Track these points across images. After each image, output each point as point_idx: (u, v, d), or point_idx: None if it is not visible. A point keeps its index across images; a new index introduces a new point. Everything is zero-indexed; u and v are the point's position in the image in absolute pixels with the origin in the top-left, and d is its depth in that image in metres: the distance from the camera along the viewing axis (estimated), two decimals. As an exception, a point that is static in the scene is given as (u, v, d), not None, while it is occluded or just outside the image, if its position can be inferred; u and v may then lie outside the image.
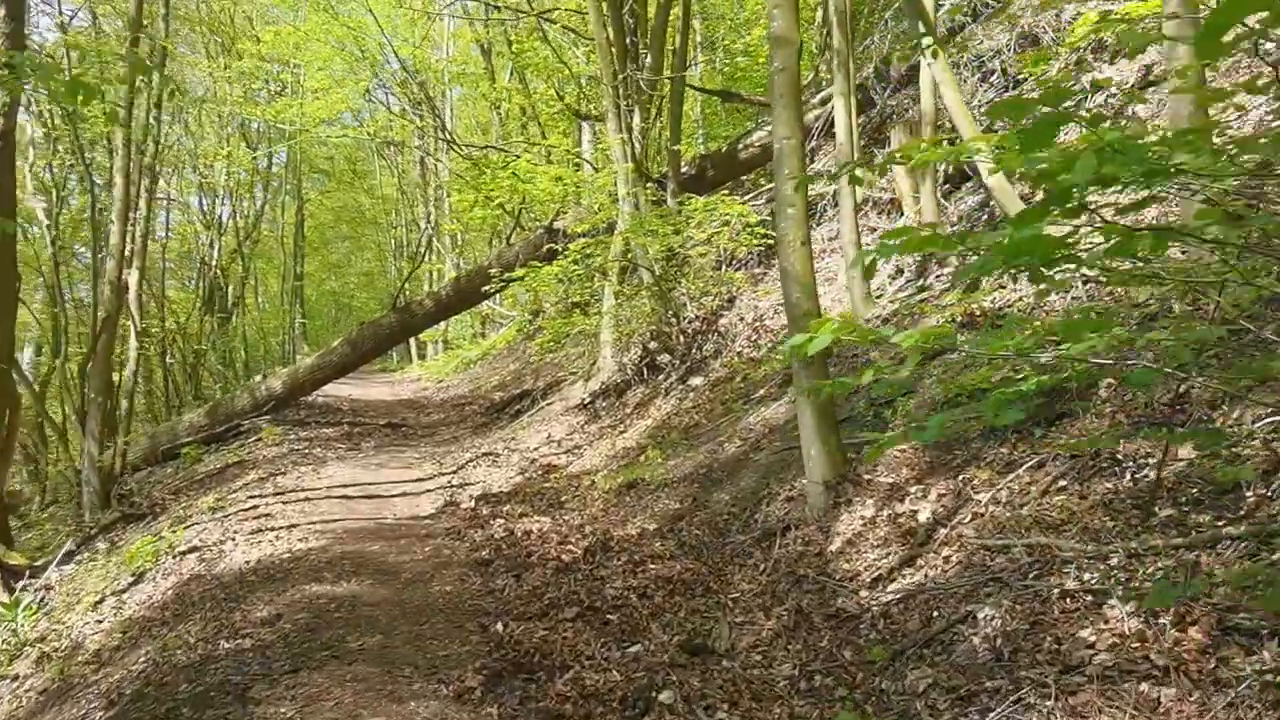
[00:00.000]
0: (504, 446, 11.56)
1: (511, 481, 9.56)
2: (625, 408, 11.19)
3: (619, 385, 12.08)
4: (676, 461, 7.90)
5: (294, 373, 15.20)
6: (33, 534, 11.55)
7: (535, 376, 16.21)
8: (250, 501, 9.30)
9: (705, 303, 11.49)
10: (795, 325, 5.69)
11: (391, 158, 30.06)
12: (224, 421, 15.30)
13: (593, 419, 11.56)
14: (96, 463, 10.94)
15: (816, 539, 5.27)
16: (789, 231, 5.73)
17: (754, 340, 10.31)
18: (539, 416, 12.90)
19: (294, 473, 10.91)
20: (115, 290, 11.09)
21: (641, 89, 12.03)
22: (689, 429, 8.80)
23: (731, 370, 9.84)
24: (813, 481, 5.61)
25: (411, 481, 10.35)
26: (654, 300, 11.52)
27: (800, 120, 5.88)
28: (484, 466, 10.66)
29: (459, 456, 11.61)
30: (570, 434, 11.34)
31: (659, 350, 11.88)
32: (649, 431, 9.52)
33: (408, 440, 13.84)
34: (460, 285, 14.35)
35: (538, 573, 6.04)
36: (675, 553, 5.91)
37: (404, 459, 12.00)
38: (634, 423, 10.37)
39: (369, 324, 14.93)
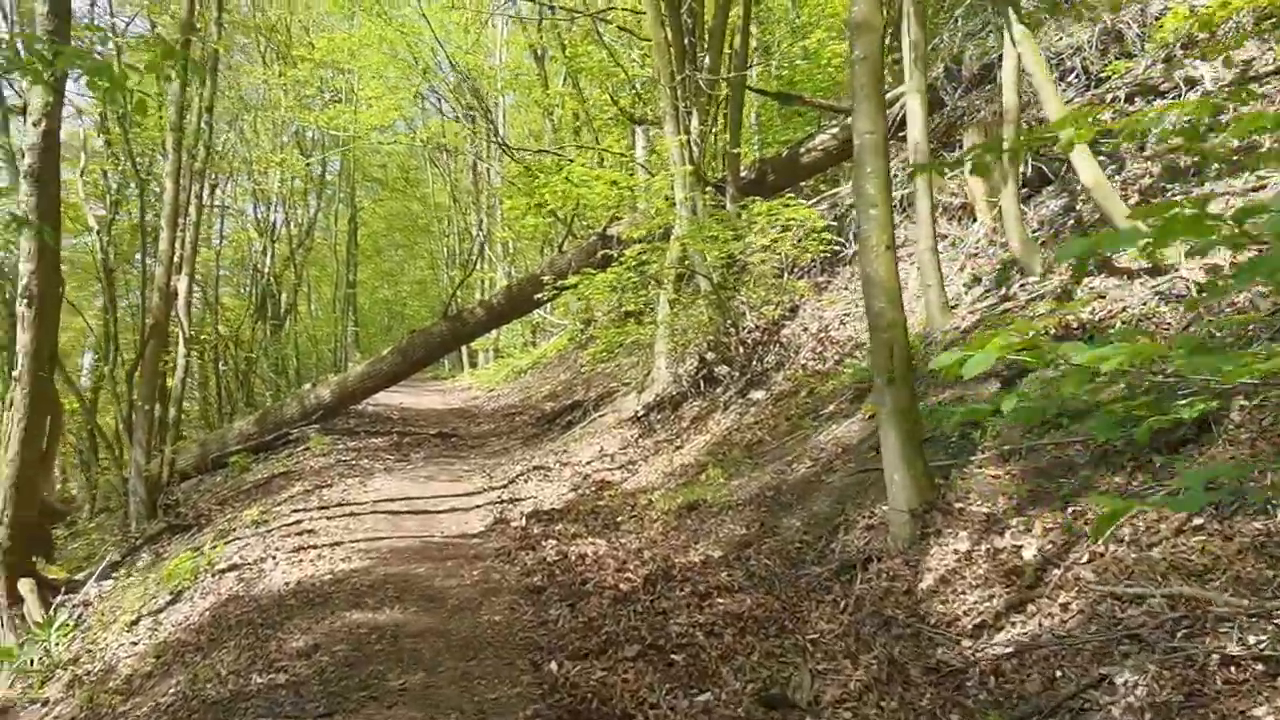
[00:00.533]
0: (555, 460, 11.13)
1: (563, 498, 9.11)
2: (681, 421, 10.70)
3: (674, 398, 11.59)
4: (740, 482, 7.39)
5: (343, 381, 14.93)
6: (80, 543, 11.36)
7: (587, 387, 15.78)
8: (294, 516, 8.96)
9: (766, 312, 10.98)
10: (879, 336, 5.17)
11: (444, 165, 29.92)
12: (273, 430, 15.09)
13: (647, 433, 11.09)
14: (143, 472, 10.69)
15: (904, 574, 4.74)
16: (872, 234, 5.21)
17: (819, 352, 9.76)
18: (591, 429, 12.45)
19: (340, 485, 10.58)
20: (164, 297, 10.85)
21: (700, 91, 11.56)
22: (752, 446, 8.28)
23: (796, 384, 9.31)
24: (896, 509, 5.07)
25: (460, 496, 9.95)
26: (712, 309, 11.02)
27: (883, 113, 5.36)
28: (535, 481, 10.23)
29: (509, 469, 11.20)
30: (624, 448, 10.87)
31: (717, 361, 11.38)
32: (708, 448, 9.01)
33: (457, 451, 13.47)
34: (512, 293, 13.98)
35: (594, 603, 5.56)
36: (744, 584, 5.40)
37: (453, 471, 11.62)
38: (691, 438, 9.87)
39: (420, 332, 14.62)
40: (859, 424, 7.12)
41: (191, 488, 14.61)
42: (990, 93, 11.17)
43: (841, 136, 11.97)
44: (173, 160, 10.89)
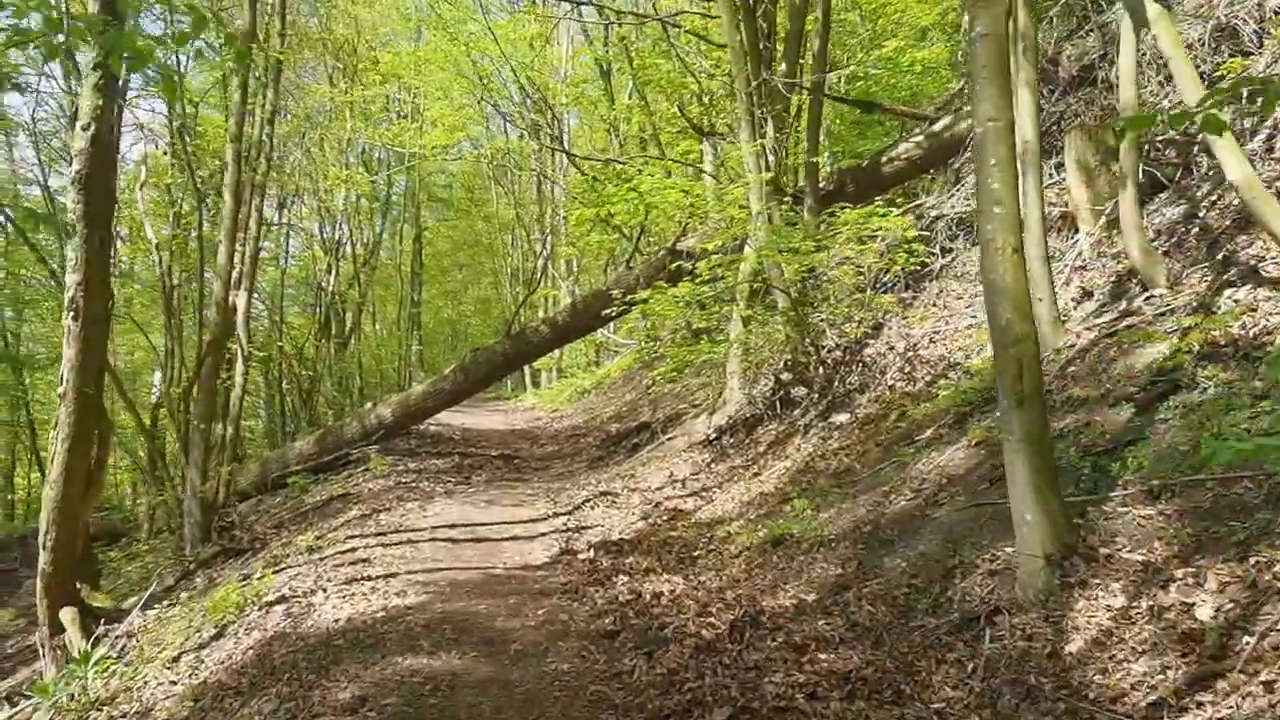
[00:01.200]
0: (623, 485, 10.50)
1: (633, 527, 8.47)
2: (757, 446, 10.01)
3: (748, 420, 10.91)
4: (830, 514, 6.68)
5: (405, 400, 14.52)
6: (135, 565, 11.01)
7: (653, 408, 15.16)
8: (349, 542, 8.45)
9: (848, 330, 10.25)
10: (1005, 353, 4.45)
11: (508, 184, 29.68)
12: (333, 450, 14.72)
13: (720, 457, 10.41)
14: (198, 493, 10.31)
15: (1043, 633, 4.00)
16: (996, 235, 4.51)
17: (907, 373, 9.01)
18: (659, 452, 11.81)
19: (398, 509, 10.07)
20: (222, 313, 10.50)
21: (776, 97, 10.92)
22: (840, 475, 7.57)
23: (884, 407, 8.57)
24: (1028, 553, 4.34)
25: (523, 523, 9.37)
26: (789, 326, 10.33)
27: (1009, 97, 4.67)
28: (601, 507, 9.61)
29: (574, 494, 10.60)
30: (695, 473, 10.21)
31: (793, 382, 10.69)
32: (790, 475, 8.31)
33: (520, 474, 12.92)
34: (577, 310, 13.43)
35: (674, 652, 4.91)
36: (846, 636, 4.70)
37: (516, 495, 11.05)
38: (770, 464, 9.18)
39: (482, 350, 14.14)
40: (964, 451, 6.38)
41: (251, 508, 14.29)
42: (1091, 94, 10.37)
43: (926, 145, 11.24)
44: (232, 173, 10.56)
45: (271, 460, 15.31)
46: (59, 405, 7.06)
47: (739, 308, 11.59)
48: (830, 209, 10.43)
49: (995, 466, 5.80)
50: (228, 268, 10.49)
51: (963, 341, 8.96)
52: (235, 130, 10.58)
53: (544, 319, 14.22)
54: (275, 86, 12.26)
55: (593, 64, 21.69)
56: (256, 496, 14.83)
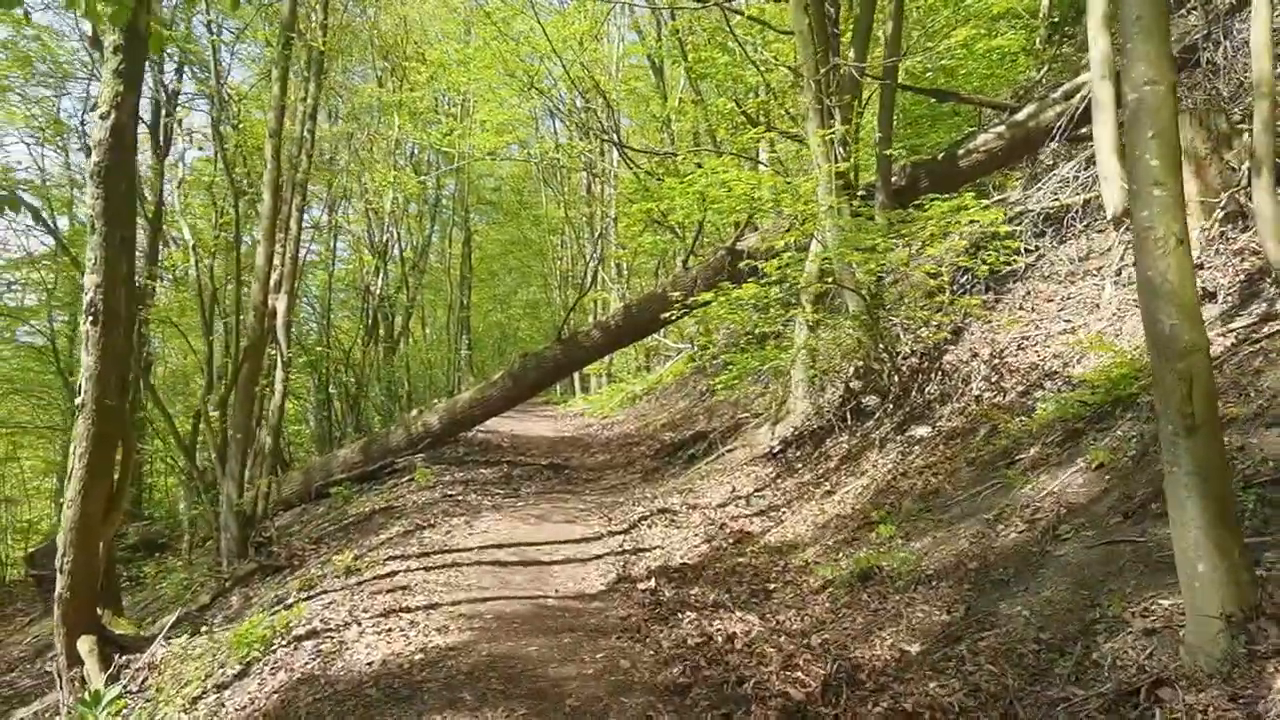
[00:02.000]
0: (681, 500, 9.74)
1: (695, 550, 7.70)
2: (827, 460, 9.19)
3: (816, 432, 10.09)
4: (924, 545, 5.85)
5: (451, 407, 13.89)
6: (171, 580, 10.47)
7: (709, 416, 14.38)
8: (388, 564, 7.78)
9: (926, 335, 9.40)
10: (1170, 366, 3.61)
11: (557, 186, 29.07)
12: (378, 459, 14.15)
13: (786, 472, 9.61)
14: (235, 506, 9.73)
15: (1232, 717, 3.16)
16: (1155, 223, 3.67)
17: (995, 382, 8.14)
18: (719, 465, 11.03)
19: (443, 525, 9.41)
20: (259, 316, 9.92)
21: (846, 85, 10.07)
22: (927, 497, 6.73)
23: (970, 420, 7.71)
24: (1202, 613, 3.50)
25: (576, 542, 8.65)
26: (861, 331, 9.50)
27: (1170, 56, 3.82)
28: (660, 526, 8.85)
29: (629, 510, 9.85)
30: (760, 489, 9.41)
31: (865, 391, 9.86)
32: (869, 495, 7.49)
33: (571, 485, 12.21)
34: (631, 313, 12.69)
35: (757, 716, 4.14)
36: (968, 704, 3.89)
37: (567, 509, 10.34)
38: (844, 481, 8.36)
39: (532, 355, 13.46)
40: (1082, 476, 5.52)
41: (295, 517, 13.78)
42: (1194, 78, 9.42)
43: (1009, 136, 10.33)
44: (271, 170, 9.98)
45: (315, 469, 14.78)
46: (77, 417, 6.46)
47: (804, 311, 10.78)
48: (903, 206, 9.60)
49: (1127, 496, 4.95)
50: (266, 269, 9.90)
51: (1057, 348, 8.07)
52: (274, 125, 10.00)
53: (596, 323, 13.51)
54: (317, 80, 11.69)
55: (643, 61, 20.98)
56: (300, 505, 14.31)
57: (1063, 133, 9.83)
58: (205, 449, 12.23)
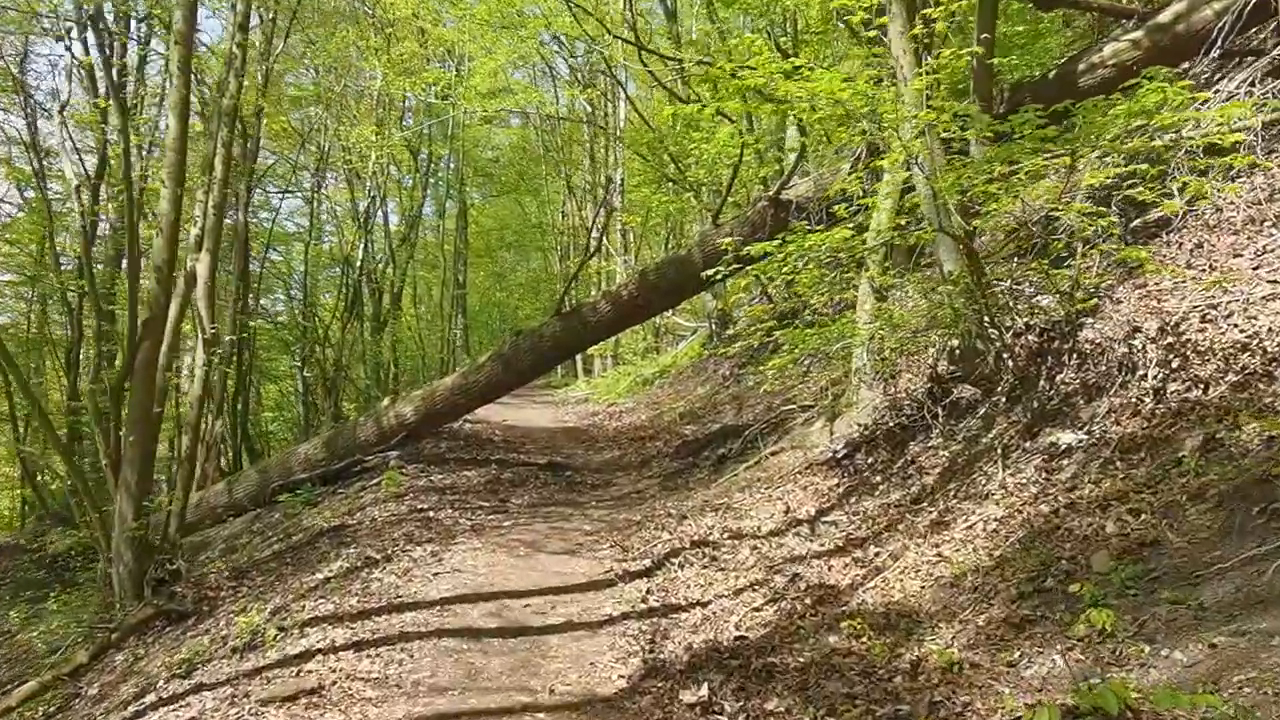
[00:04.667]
0: (718, 523, 7.16)
1: (758, 616, 5.13)
2: (921, 474, 6.60)
3: (891, 432, 7.50)
4: (1192, 655, 3.27)
5: (429, 396, 11.28)
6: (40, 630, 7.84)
7: (738, 407, 11.77)
8: (307, 635, 5.21)
9: (1048, 306, 6.82)
10: None
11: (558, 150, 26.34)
12: (344, 456, 11.59)
13: (860, 486, 7.03)
14: (129, 530, 7.15)
15: None
16: None
17: (1181, 369, 5.53)
18: (761, 471, 8.44)
19: (402, 559, 6.84)
20: (163, 280, 7.31)
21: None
22: (1136, 550, 4.14)
23: (1158, 424, 5.12)
24: None
25: (580, 589, 6.08)
26: (958, 298, 6.89)
27: None
28: (696, 565, 6.27)
29: (650, 536, 7.26)
30: (826, 510, 6.84)
31: (959, 379, 7.28)
32: (1015, 536, 4.89)
33: (573, 495, 9.64)
34: (648, 282, 10.02)
35: None
36: None
37: (567, 532, 7.76)
38: (956, 506, 5.77)
39: (526, 334, 10.85)
40: None
41: (246, 525, 11.25)
42: None
43: (1148, 44, 7.68)
44: (177, 87, 7.34)
45: (273, 467, 12.22)
46: None
47: (870, 273, 8.20)
48: (998, 138, 6.93)
49: None
50: (171, 218, 7.27)
51: (1270, 319, 5.47)
52: (183, 28, 7.35)
53: (605, 293, 10.86)
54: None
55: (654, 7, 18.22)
56: (255, 510, 11.79)
57: (1227, 36, 7.19)
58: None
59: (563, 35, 17.34)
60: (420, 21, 19.78)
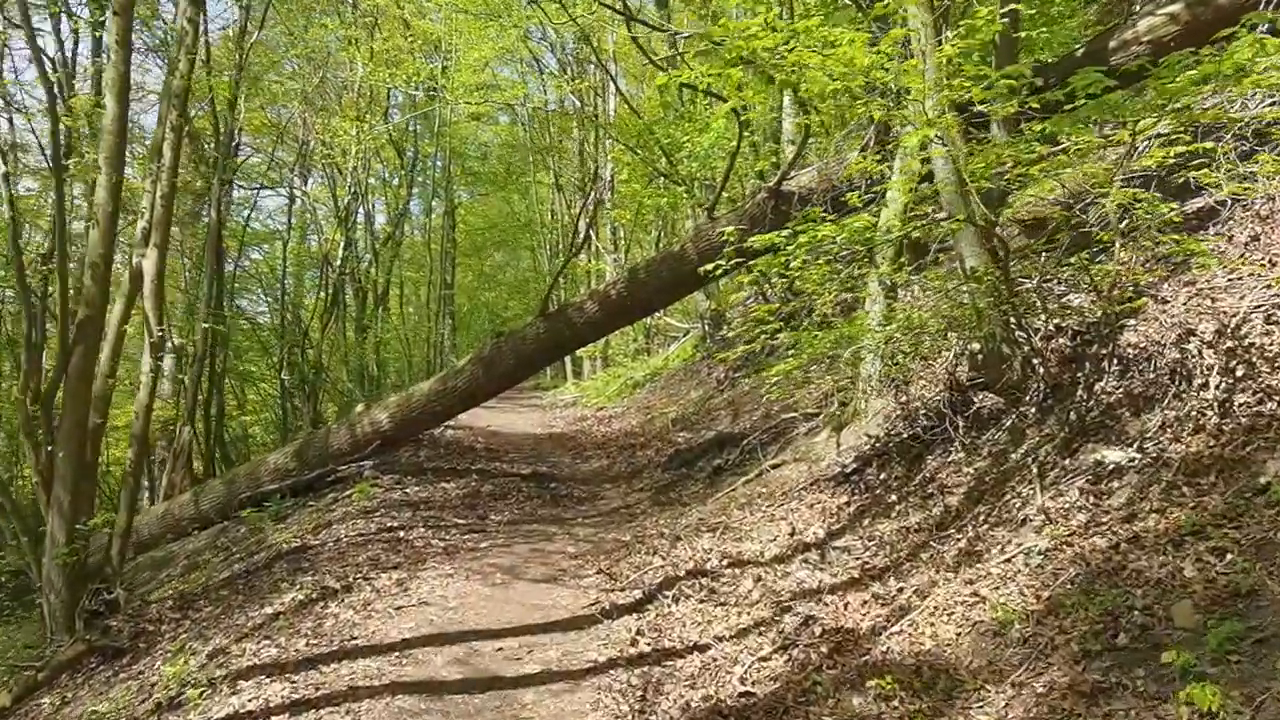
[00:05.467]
0: (717, 549, 6.39)
1: (764, 666, 4.37)
2: (942, 493, 5.85)
3: (905, 444, 6.76)
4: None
5: (405, 402, 10.50)
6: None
7: (733, 412, 11.01)
8: (240, 690, 4.43)
9: (1081, 306, 6.11)
10: None
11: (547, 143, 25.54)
12: (315, 466, 10.81)
13: (873, 506, 6.28)
14: (59, 555, 6.34)
15: None
16: None
17: (1246, 380, 4.79)
18: (762, 485, 7.68)
19: (365, 588, 6.06)
20: (98, 277, 6.52)
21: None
22: (1230, 601, 3.40)
23: (1227, 442, 4.38)
24: None
25: (561, 629, 5.31)
26: (982, 295, 6.14)
27: None
28: (693, 599, 5.51)
29: (642, 562, 6.49)
30: (837, 532, 6.09)
31: (975, 385, 6.55)
32: (1063, 575, 4.14)
33: (558, 509, 8.87)
34: (639, 280, 9.26)
35: None
36: None
37: (550, 557, 6.99)
38: (988, 533, 5.02)
39: (508, 337, 10.08)
40: None
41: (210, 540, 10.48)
42: None
43: (1188, 16, 6.94)
44: (116, 64, 6.54)
45: (240, 478, 11.43)
46: None
47: (882, 270, 7.44)
48: (1016, 127, 6.17)
49: None
50: (109, 208, 6.48)
51: (1345, 321, 4.76)
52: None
53: (592, 292, 10.08)
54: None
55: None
56: (222, 523, 11.00)
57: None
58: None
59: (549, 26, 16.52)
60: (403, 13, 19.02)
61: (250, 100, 16.61)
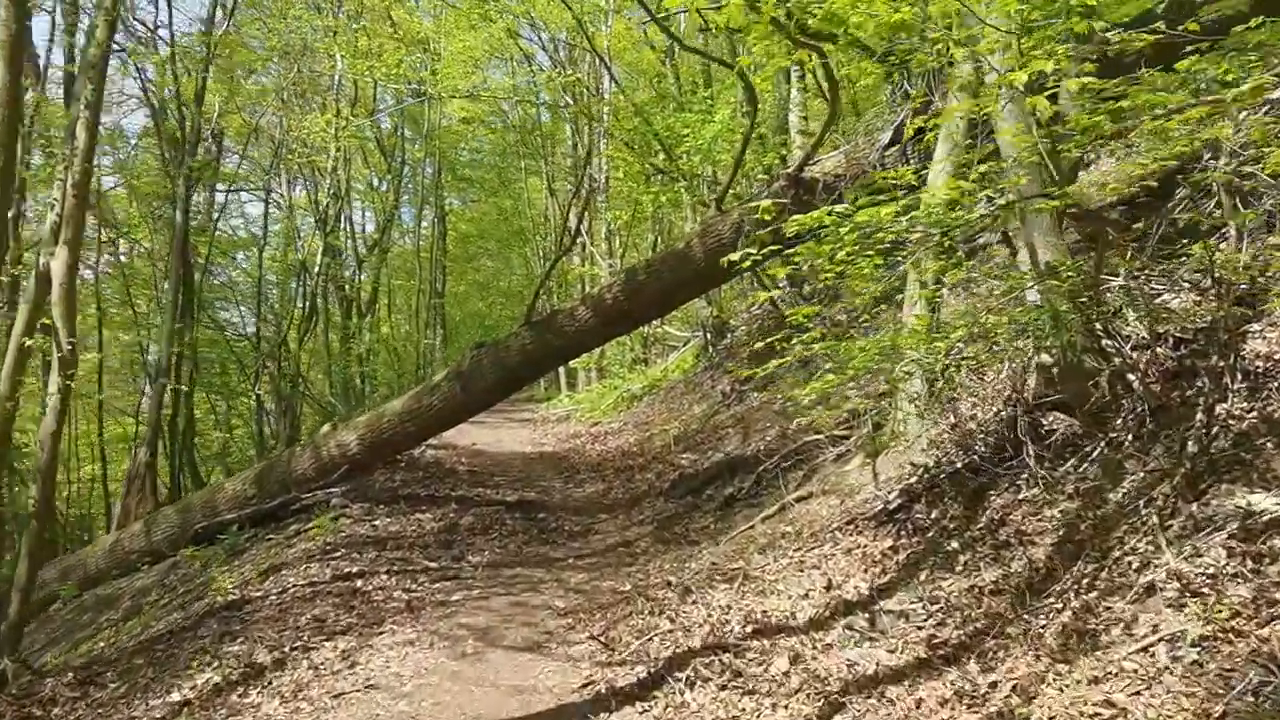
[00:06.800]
0: (738, 608, 5.14)
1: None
2: (1023, 543, 4.61)
3: (959, 477, 5.52)
4: None
5: (376, 422, 9.26)
6: None
7: (743, 431, 9.76)
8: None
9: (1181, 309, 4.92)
10: None
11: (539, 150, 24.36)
12: (277, 494, 9.57)
13: (926, 554, 5.05)
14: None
15: None
16: None
17: None
18: (787, 525, 6.42)
19: (301, 664, 4.83)
20: (-19, 280, 5.27)
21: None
22: None
23: None
24: None
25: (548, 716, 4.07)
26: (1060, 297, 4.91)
27: None
28: (712, 685, 4.25)
29: (645, 625, 5.23)
30: (885, 588, 4.86)
31: (1046, 403, 5.35)
32: (1253, 687, 2.90)
33: (546, 547, 7.61)
34: (637, 283, 8.02)
35: None
36: None
37: (534, 613, 5.73)
38: (1099, 602, 3.79)
39: (489, 347, 8.85)
40: None
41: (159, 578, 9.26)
42: None
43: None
44: (6, 22, 5.33)
45: (196, 507, 10.18)
46: None
47: (923, 269, 6.22)
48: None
49: None
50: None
51: None
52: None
53: (585, 297, 8.81)
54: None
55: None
56: (174, 556, 9.75)
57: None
58: None
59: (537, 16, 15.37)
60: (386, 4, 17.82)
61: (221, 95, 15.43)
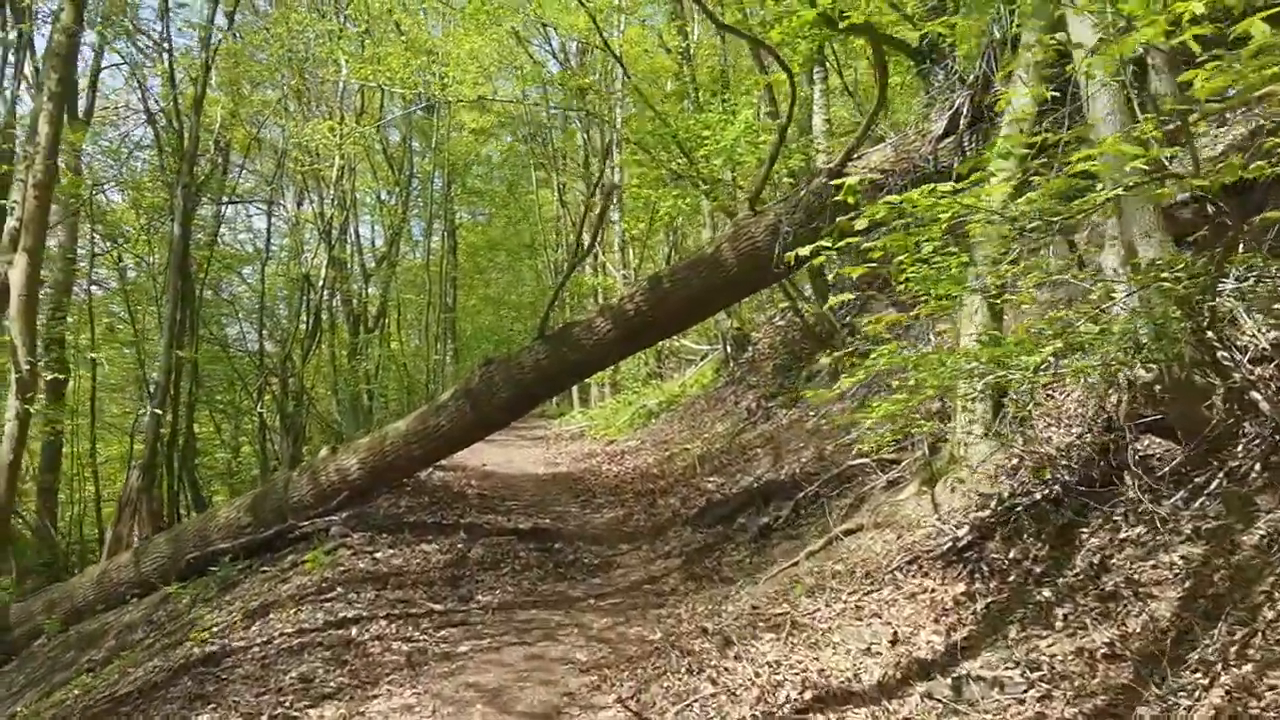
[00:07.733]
0: (788, 665, 4.38)
1: None
2: (1138, 595, 3.85)
3: (1039, 510, 4.74)
4: None
5: (379, 445, 8.52)
6: None
7: (775, 453, 8.98)
8: None
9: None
10: None
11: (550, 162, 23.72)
12: (272, 522, 8.85)
13: (1011, 603, 4.28)
14: None
15: None
16: None
17: None
18: (836, 563, 5.63)
19: (278, 739, 4.06)
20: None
21: None
22: None
23: None
24: None
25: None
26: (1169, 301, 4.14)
27: None
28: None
29: (682, 689, 4.45)
30: (965, 645, 4.09)
31: (1139, 424, 4.60)
32: None
33: (563, 584, 6.85)
34: (660, 290, 7.26)
35: None
36: None
37: (551, 669, 4.97)
38: (1251, 677, 3.01)
39: (500, 363, 8.11)
40: None
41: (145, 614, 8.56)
42: None
43: None
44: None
45: (187, 535, 9.48)
46: None
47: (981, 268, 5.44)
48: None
49: None
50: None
51: None
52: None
53: (603, 307, 8.05)
54: None
55: None
56: (163, 590, 9.03)
57: None
58: None
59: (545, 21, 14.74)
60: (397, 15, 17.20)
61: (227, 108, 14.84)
